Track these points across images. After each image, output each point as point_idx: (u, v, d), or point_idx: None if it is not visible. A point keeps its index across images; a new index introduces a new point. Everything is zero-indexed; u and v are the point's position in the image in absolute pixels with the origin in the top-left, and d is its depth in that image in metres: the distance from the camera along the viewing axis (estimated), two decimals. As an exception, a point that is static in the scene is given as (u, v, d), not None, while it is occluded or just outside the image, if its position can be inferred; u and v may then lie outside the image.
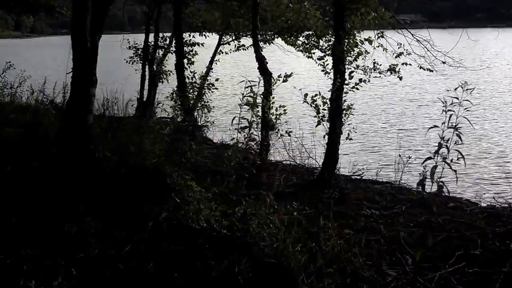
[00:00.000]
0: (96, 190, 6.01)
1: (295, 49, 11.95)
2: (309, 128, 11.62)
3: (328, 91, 8.13)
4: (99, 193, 5.96)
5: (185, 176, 5.77)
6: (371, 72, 9.02)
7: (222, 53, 13.83)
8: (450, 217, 6.32)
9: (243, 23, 12.43)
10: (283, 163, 9.40)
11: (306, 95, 8.19)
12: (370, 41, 8.86)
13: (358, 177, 8.75)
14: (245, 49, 13.26)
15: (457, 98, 4.89)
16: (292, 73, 8.69)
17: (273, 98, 8.69)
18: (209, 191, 5.75)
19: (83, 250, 4.73)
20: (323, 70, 8.73)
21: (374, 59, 9.16)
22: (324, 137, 8.16)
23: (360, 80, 8.35)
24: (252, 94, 6.90)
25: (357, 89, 8.27)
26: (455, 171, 4.74)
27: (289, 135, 8.89)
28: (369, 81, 8.57)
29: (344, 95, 8.15)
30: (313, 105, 8.16)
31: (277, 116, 8.42)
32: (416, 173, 7.12)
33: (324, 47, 10.90)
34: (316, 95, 8.09)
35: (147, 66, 14.05)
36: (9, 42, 65.67)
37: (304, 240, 4.85)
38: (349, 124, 8.15)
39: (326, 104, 8.09)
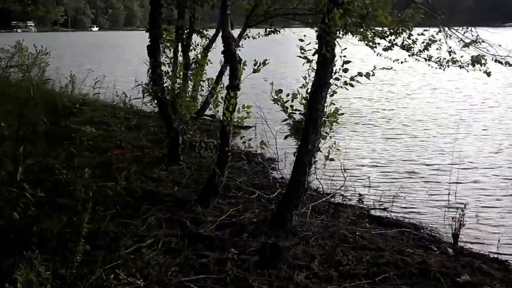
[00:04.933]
0: None
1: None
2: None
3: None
4: None
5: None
6: (447, 64, 8.22)
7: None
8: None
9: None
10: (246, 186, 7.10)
11: (279, 91, 5.86)
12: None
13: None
14: None
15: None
16: (266, 60, 6.33)
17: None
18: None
19: None
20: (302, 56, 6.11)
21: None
22: (294, 154, 5.78)
23: (360, 73, 5.85)
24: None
25: (352, 85, 5.79)
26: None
27: (264, 146, 6.63)
28: (373, 74, 5.96)
29: (330, 93, 5.75)
30: (280, 105, 5.80)
31: (239, 120, 6.20)
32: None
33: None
34: (280, 90, 5.72)
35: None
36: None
37: None
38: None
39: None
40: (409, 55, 10.45)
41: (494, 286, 4.58)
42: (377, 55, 10.78)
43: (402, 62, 11.05)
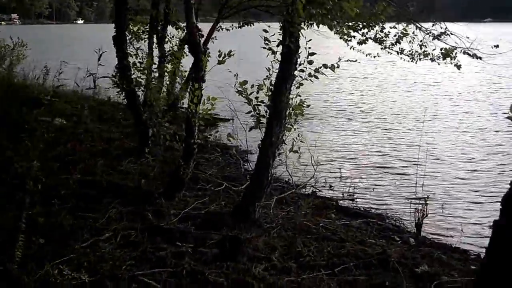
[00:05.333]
0: None
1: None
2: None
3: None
4: None
5: None
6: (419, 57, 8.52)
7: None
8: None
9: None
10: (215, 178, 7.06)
11: (244, 82, 5.80)
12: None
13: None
14: None
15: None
16: (231, 50, 6.25)
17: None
18: None
19: None
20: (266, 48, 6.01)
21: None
22: (259, 146, 5.73)
23: (325, 65, 5.80)
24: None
25: (316, 77, 5.75)
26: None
27: (231, 139, 6.60)
28: (338, 67, 5.90)
29: (295, 85, 5.71)
30: (244, 97, 5.74)
31: (203, 112, 6.13)
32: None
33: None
34: (244, 82, 5.66)
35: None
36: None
37: None
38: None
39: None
40: (381, 48, 10.52)
41: (452, 276, 4.62)
42: (351, 48, 10.82)
43: (374, 56, 11.14)
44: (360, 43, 10.22)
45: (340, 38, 10.52)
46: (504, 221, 2.44)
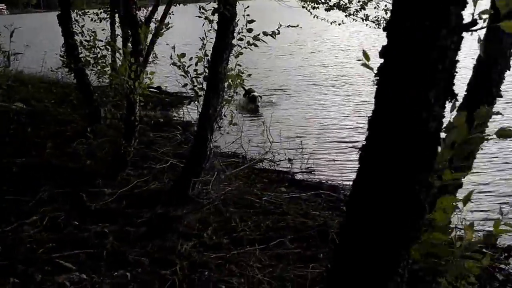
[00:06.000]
0: None
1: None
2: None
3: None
4: None
5: None
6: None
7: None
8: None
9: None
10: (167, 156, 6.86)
11: (182, 55, 5.55)
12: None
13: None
14: None
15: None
16: (169, 23, 5.99)
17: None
18: None
19: None
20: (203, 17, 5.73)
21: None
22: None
23: (264, 33, 5.56)
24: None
25: (256, 45, 5.51)
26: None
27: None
28: (278, 33, 5.59)
29: (234, 54, 5.48)
30: (182, 70, 5.52)
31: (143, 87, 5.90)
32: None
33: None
34: (182, 54, 5.42)
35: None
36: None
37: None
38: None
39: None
40: (346, 16, 10.22)
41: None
42: (314, 17, 10.50)
43: (339, 24, 10.84)
44: (327, 9, 9.99)
45: (302, 7, 10.24)
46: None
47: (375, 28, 9.96)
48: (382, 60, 1.70)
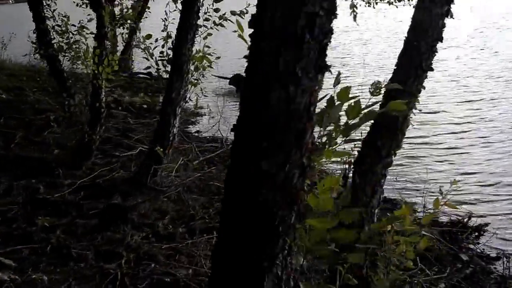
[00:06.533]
0: None
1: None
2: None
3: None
4: None
5: None
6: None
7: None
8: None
9: None
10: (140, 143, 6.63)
11: (148, 36, 5.31)
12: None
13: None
14: None
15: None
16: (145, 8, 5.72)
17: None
18: None
19: None
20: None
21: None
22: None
23: (232, 12, 5.33)
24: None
25: (222, 25, 5.26)
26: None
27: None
28: (247, 12, 5.32)
29: (200, 35, 5.24)
30: (147, 53, 5.28)
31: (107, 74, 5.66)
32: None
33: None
34: (148, 35, 5.17)
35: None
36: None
37: None
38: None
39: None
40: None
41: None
42: None
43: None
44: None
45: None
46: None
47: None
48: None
